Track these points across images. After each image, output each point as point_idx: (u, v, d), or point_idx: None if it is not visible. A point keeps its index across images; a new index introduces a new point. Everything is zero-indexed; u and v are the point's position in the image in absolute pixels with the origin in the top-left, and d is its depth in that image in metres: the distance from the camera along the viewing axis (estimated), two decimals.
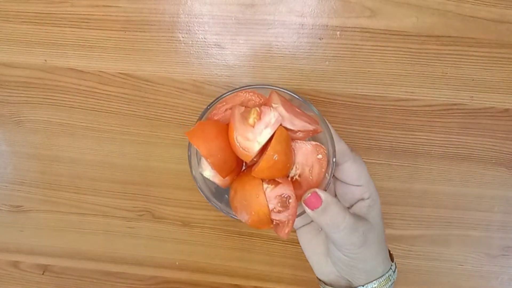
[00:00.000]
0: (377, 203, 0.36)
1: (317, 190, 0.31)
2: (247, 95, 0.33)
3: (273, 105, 0.31)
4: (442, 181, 0.53)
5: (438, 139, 0.51)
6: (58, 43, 0.49)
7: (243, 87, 0.33)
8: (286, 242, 0.57)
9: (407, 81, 0.48)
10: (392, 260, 0.39)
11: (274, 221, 0.32)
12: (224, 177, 0.32)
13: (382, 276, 0.36)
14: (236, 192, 0.32)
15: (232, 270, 0.60)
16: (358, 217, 0.35)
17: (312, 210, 0.31)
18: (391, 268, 0.37)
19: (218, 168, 0.30)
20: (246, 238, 0.58)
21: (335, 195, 0.38)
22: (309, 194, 0.31)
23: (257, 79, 0.49)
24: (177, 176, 0.55)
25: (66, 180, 0.57)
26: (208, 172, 0.33)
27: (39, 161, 0.56)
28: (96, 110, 0.52)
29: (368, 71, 0.48)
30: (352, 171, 0.35)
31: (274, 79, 0.49)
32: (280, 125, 0.30)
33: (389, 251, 0.40)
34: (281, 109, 0.30)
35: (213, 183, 0.34)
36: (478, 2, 0.45)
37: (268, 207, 0.31)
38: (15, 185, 0.58)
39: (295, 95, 0.32)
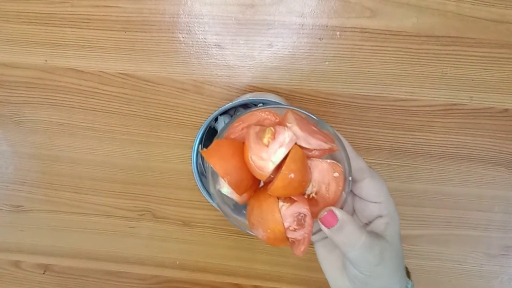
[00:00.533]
0: (395, 221, 0.36)
1: (333, 208, 0.31)
2: (263, 114, 0.33)
3: (288, 124, 0.31)
4: (442, 181, 0.53)
5: (438, 139, 0.51)
6: (58, 43, 0.49)
7: (259, 106, 0.33)
8: None
9: (407, 81, 0.48)
10: (409, 277, 0.39)
11: (290, 239, 0.32)
12: (240, 195, 0.32)
13: None
14: (252, 209, 0.33)
15: (233, 270, 0.60)
16: (375, 235, 0.34)
17: (328, 228, 0.31)
18: (407, 286, 0.37)
19: (234, 186, 0.31)
20: (246, 237, 0.58)
21: (354, 211, 0.38)
22: (325, 212, 0.31)
23: (257, 79, 0.49)
24: (178, 176, 0.55)
25: (67, 180, 0.57)
26: (226, 189, 0.33)
27: (40, 161, 0.56)
28: (96, 110, 0.52)
29: (368, 71, 0.48)
30: (370, 188, 0.35)
31: (274, 79, 0.49)
32: (295, 144, 0.30)
33: (407, 268, 0.39)
34: (296, 128, 0.30)
35: (231, 199, 0.34)
36: (478, 2, 0.44)
37: (283, 225, 0.31)
38: (16, 185, 0.58)
39: (310, 115, 0.32)
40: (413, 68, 0.47)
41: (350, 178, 0.32)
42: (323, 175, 0.32)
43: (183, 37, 0.48)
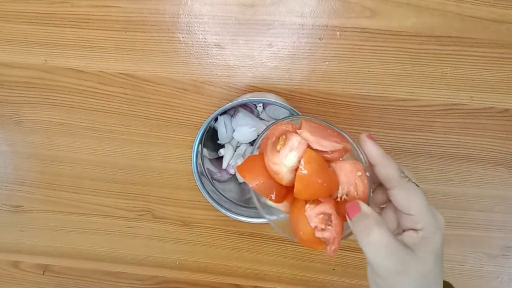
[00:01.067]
0: (433, 238, 0.33)
1: (359, 201, 0.32)
2: (283, 127, 0.35)
3: (298, 131, 0.33)
4: (442, 181, 0.53)
5: (438, 139, 0.51)
6: (58, 43, 0.49)
7: (279, 119, 0.36)
8: (286, 242, 0.57)
9: (407, 81, 0.48)
10: None
11: (321, 239, 0.33)
12: (277, 203, 0.34)
13: None
14: (291, 215, 0.35)
15: (232, 270, 0.60)
16: (404, 244, 0.32)
17: (351, 218, 0.31)
18: None
19: (264, 193, 0.33)
20: (246, 238, 0.58)
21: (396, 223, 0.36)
22: (351, 204, 0.32)
23: (257, 79, 0.49)
24: (177, 176, 0.55)
25: (67, 180, 0.57)
26: (270, 201, 0.35)
27: (39, 161, 0.56)
28: (96, 110, 0.52)
29: (368, 71, 0.48)
30: (400, 199, 0.33)
31: (274, 79, 0.49)
32: (309, 147, 0.32)
33: (449, 284, 0.37)
34: (306, 133, 0.32)
35: (279, 210, 0.36)
36: (478, 2, 0.45)
37: (309, 225, 0.32)
38: (15, 185, 0.58)
39: (322, 121, 0.34)
40: (413, 68, 0.47)
41: (367, 174, 0.33)
42: (348, 177, 0.34)
43: (183, 37, 0.48)
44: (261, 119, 0.51)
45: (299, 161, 0.31)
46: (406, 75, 0.48)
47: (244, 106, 0.50)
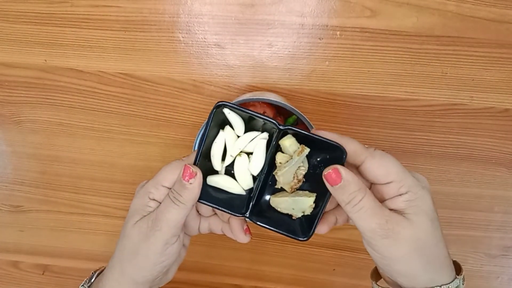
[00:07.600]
0: (421, 199, 0.31)
1: (338, 166, 0.31)
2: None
3: None
4: (442, 181, 0.53)
5: (438, 139, 0.51)
6: (58, 43, 0.49)
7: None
8: (286, 242, 0.57)
9: (407, 81, 0.48)
10: (458, 273, 0.35)
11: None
12: None
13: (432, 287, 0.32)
14: None
15: (232, 270, 0.60)
16: (394, 211, 0.31)
17: (332, 186, 0.31)
18: (447, 284, 0.33)
19: None
20: None
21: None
22: (330, 170, 0.31)
23: (257, 79, 0.49)
24: None
25: (66, 180, 0.57)
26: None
27: (39, 161, 0.56)
28: (96, 110, 0.52)
29: (368, 71, 0.48)
30: (374, 169, 0.31)
31: (274, 79, 0.49)
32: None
33: (458, 264, 0.36)
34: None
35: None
36: (478, 2, 0.45)
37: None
38: (15, 185, 0.58)
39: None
40: (413, 68, 0.47)
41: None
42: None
43: (183, 37, 0.48)
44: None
45: None
46: (406, 75, 0.48)
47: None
